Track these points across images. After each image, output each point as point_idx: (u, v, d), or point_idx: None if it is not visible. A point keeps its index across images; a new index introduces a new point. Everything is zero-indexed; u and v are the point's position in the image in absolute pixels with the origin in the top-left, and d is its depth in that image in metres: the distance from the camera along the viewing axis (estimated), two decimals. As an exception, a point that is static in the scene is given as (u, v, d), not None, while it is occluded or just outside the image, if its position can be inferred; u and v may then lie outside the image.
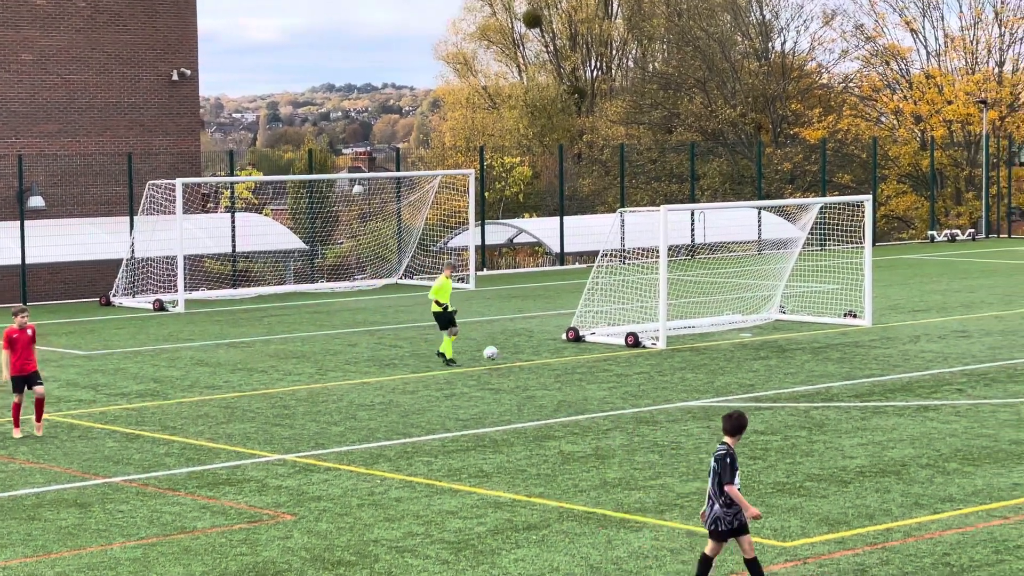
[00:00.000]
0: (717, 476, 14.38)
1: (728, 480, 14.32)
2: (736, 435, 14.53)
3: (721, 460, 14.37)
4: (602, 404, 25.50)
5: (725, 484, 14.32)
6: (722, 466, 14.35)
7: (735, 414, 14.60)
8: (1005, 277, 46.82)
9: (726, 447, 14.44)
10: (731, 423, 14.54)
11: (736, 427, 14.54)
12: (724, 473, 14.33)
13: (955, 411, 24.37)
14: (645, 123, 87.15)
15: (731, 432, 14.53)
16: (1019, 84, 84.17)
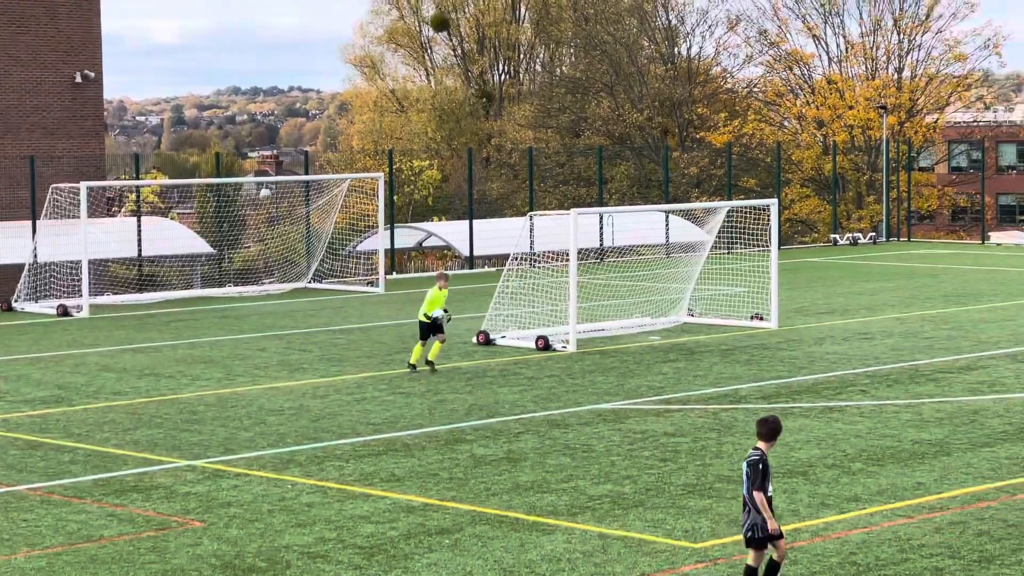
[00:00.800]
0: (749, 481, 14.22)
1: (759, 486, 14.14)
2: (771, 440, 14.36)
3: (754, 466, 14.18)
4: (513, 407, 25.59)
5: (754, 490, 14.14)
6: (755, 472, 14.17)
7: (771, 419, 14.44)
8: (906, 280, 47.43)
9: (760, 453, 14.26)
10: (766, 428, 14.36)
11: (771, 432, 14.36)
12: (756, 479, 14.16)
13: (859, 412, 24.69)
14: (553, 127, 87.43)
15: (766, 437, 14.36)
16: (918, 90, 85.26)
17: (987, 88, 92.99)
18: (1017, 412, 24.48)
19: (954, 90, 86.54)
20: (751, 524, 14.27)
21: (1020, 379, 27.81)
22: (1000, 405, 25.17)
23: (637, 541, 16.95)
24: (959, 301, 41.13)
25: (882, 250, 60.55)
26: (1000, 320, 36.66)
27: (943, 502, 18.59)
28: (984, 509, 18.20)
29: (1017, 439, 22.32)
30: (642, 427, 23.64)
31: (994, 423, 23.57)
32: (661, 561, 16.17)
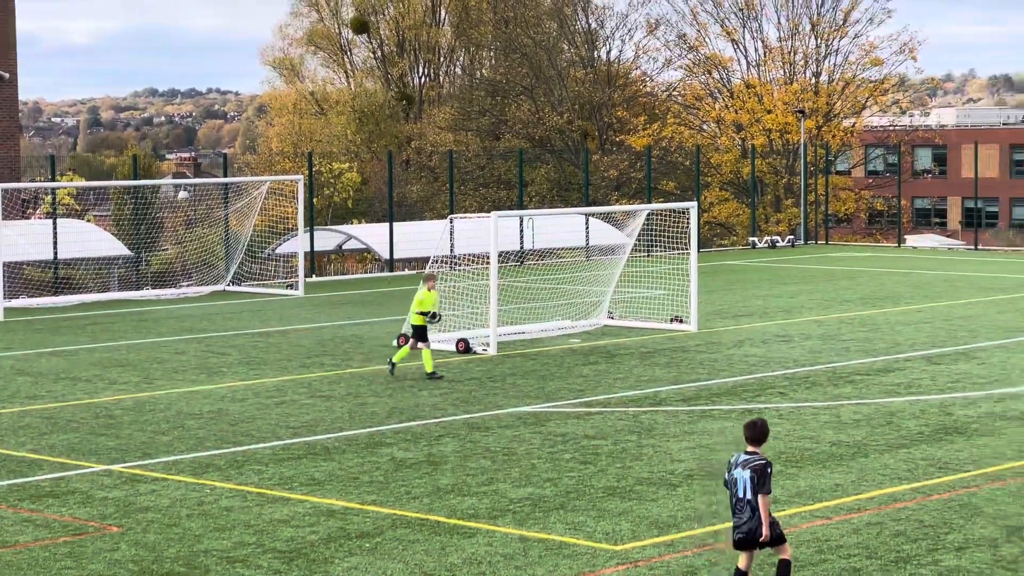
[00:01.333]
0: (755, 486, 14.09)
1: (767, 490, 14.13)
2: (760, 443, 14.30)
3: (763, 470, 14.12)
4: (434, 410, 25.55)
5: (762, 494, 14.13)
6: (763, 476, 14.11)
7: (760, 422, 14.37)
8: (823, 282, 47.79)
9: (762, 456, 14.21)
10: (757, 432, 14.29)
11: (761, 435, 14.29)
12: (765, 483, 14.12)
13: (778, 414, 24.84)
14: (473, 129, 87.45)
15: (758, 441, 14.30)
16: (835, 94, 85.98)
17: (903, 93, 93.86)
18: (933, 414, 24.72)
19: (871, 94, 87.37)
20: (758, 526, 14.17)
21: (936, 381, 28.09)
22: (916, 407, 25.40)
23: (558, 544, 16.97)
24: (876, 304, 41.49)
25: (800, 253, 60.99)
26: (916, 322, 37.02)
27: (860, 503, 18.74)
28: (900, 510, 18.37)
29: (932, 440, 22.54)
30: (563, 430, 23.67)
31: (910, 424, 23.79)
32: (582, 564, 16.19)
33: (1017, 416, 24.46)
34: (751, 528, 14.23)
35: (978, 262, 56.47)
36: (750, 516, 14.21)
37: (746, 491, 14.19)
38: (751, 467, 14.18)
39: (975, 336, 34.40)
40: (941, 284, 47.15)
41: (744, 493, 14.20)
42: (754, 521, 14.20)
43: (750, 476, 14.16)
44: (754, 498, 14.16)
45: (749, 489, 14.17)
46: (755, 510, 14.19)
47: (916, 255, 61.21)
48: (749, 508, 14.21)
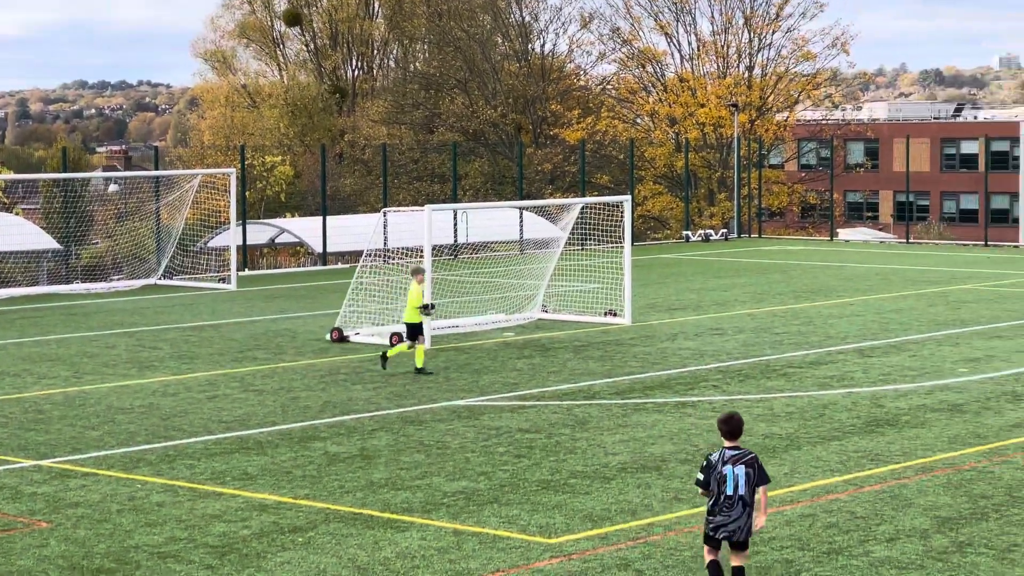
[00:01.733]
0: (753, 480, 13.97)
1: (768, 479, 14.14)
2: (738, 437, 14.16)
3: (757, 462, 14.06)
4: (367, 404, 25.46)
5: (764, 484, 14.08)
6: (760, 467, 14.08)
7: (735, 416, 14.23)
8: (756, 276, 48.00)
9: (749, 450, 14.12)
10: (732, 425, 14.13)
11: (737, 428, 14.16)
12: (764, 474, 14.10)
13: (712, 407, 24.90)
14: (407, 123, 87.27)
15: (733, 435, 14.14)
16: (768, 88, 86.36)
17: (836, 87, 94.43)
18: (865, 406, 24.85)
19: (803, 88, 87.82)
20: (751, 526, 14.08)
21: (868, 373, 28.25)
22: (848, 399, 25.54)
23: (492, 537, 16.93)
24: (808, 297, 41.70)
25: (733, 246, 61.24)
26: (848, 315, 37.23)
27: (793, 495, 18.81)
28: (833, 501, 18.45)
29: (865, 432, 22.66)
30: (496, 423, 23.64)
31: (842, 417, 23.91)
32: (516, 557, 16.17)
33: (947, 408, 24.64)
34: (739, 526, 14.09)
35: (909, 255, 56.88)
36: (740, 513, 14.04)
37: (738, 487, 13.97)
38: (744, 462, 14.02)
39: (906, 329, 34.63)
40: (873, 277, 47.44)
41: (736, 490, 13.98)
42: (744, 519, 14.05)
43: (746, 472, 13.97)
44: (747, 493, 13.98)
45: (743, 485, 13.97)
46: (746, 506, 14.01)
47: (848, 248, 61.59)
48: (741, 504, 14.03)
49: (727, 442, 14.17)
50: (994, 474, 19.87)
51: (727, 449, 14.13)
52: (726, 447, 14.17)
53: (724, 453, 14.11)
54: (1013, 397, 25.59)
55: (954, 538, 16.77)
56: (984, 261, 53.82)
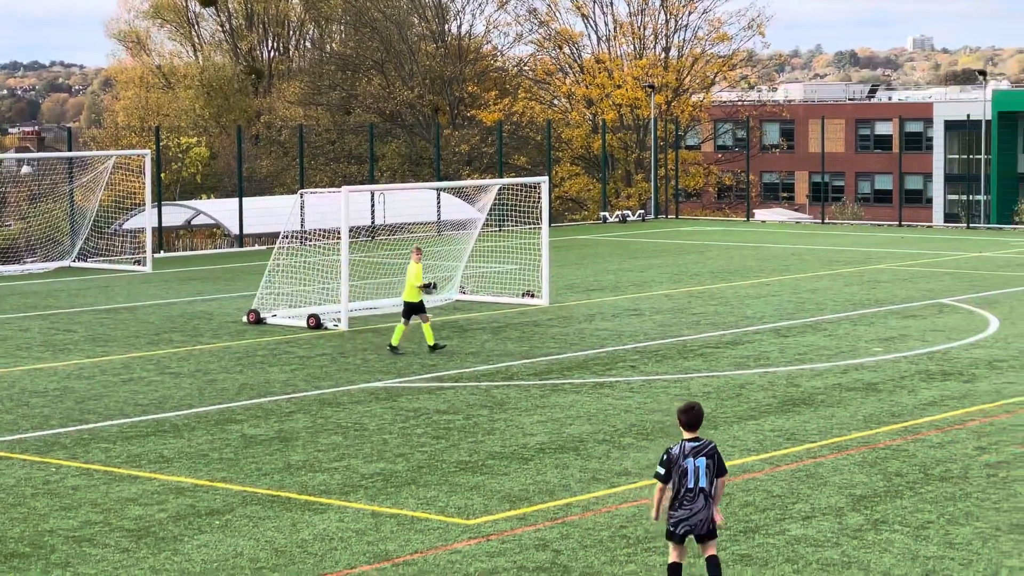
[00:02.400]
0: (713, 471, 13.65)
1: (726, 471, 13.79)
2: (697, 428, 13.74)
3: (717, 453, 13.71)
4: (285, 386, 25.36)
5: (722, 477, 13.74)
6: (720, 459, 13.74)
7: (695, 406, 13.79)
8: (673, 256, 48.20)
9: (709, 440, 13.77)
10: (691, 416, 13.71)
11: (696, 419, 13.73)
12: (722, 465, 13.75)
13: (629, 387, 25.00)
14: (323, 104, 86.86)
15: (692, 426, 13.72)
16: (684, 69, 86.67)
17: (751, 68, 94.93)
18: (781, 385, 25.04)
19: (719, 70, 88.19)
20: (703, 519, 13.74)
21: (784, 353, 28.45)
22: (765, 379, 25.71)
23: (410, 519, 16.93)
24: (725, 277, 41.93)
25: (651, 227, 61.46)
26: (765, 295, 37.47)
27: (710, 474, 18.90)
28: (750, 480, 18.57)
29: (781, 412, 22.84)
30: (415, 405, 23.62)
31: (759, 396, 24.08)
32: (434, 538, 16.17)
33: (862, 387, 24.86)
34: (701, 519, 13.72)
35: (825, 236, 57.31)
36: (702, 506, 13.68)
37: (699, 479, 13.62)
38: (704, 453, 13.63)
39: (822, 309, 34.90)
40: (789, 258, 47.78)
41: (697, 482, 13.62)
42: (705, 511, 13.71)
43: (706, 463, 13.61)
44: (708, 485, 13.66)
45: (704, 477, 13.62)
46: (708, 498, 13.68)
47: (764, 229, 61.97)
48: (702, 497, 13.67)
49: (686, 433, 13.73)
50: (908, 452, 20.08)
51: (687, 441, 13.69)
52: (686, 439, 13.72)
53: (684, 445, 13.67)
54: (927, 376, 25.86)
55: (869, 515, 16.93)
56: (898, 241, 54.33)
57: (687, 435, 13.74)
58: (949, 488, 18.14)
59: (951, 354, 28.16)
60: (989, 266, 44.67)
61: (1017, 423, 21.90)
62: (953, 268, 44.10)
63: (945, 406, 23.23)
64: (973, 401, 23.62)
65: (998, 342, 29.54)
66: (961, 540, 15.97)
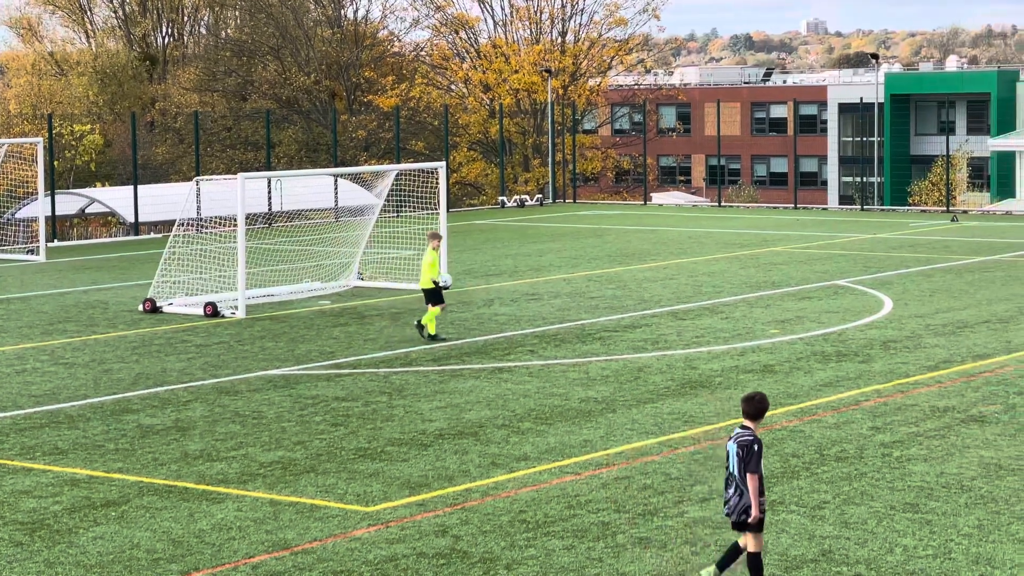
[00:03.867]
0: (742, 463, 13.59)
1: (753, 469, 13.54)
2: (758, 419, 13.72)
3: (748, 447, 13.55)
4: (181, 375, 25.16)
5: (749, 472, 13.56)
6: (748, 453, 13.55)
7: (757, 396, 13.75)
8: (571, 241, 48.32)
9: (751, 433, 13.64)
10: (752, 406, 13.68)
11: (759, 410, 13.68)
12: (750, 461, 13.55)
13: (528, 372, 25.04)
14: (219, 90, 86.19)
15: (754, 416, 13.70)
16: (581, 54, 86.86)
17: (647, 52, 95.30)
18: (679, 368, 25.18)
19: (616, 54, 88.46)
20: (745, 507, 13.64)
21: (682, 336, 28.62)
22: (662, 362, 25.85)
23: (309, 507, 16.86)
24: (623, 261, 42.10)
25: (548, 212, 61.57)
26: (662, 279, 37.67)
27: (609, 458, 19.01)
28: (648, 464, 18.68)
29: (679, 395, 22.97)
30: (313, 392, 23.53)
31: (657, 380, 24.21)
32: (333, 526, 16.12)
33: (759, 369, 25.07)
34: (732, 506, 13.73)
35: (722, 219, 57.70)
36: (734, 492, 13.71)
37: (732, 466, 13.69)
38: (738, 442, 13.66)
39: (719, 292, 35.14)
40: (686, 241, 48.06)
41: (732, 468, 13.70)
42: (734, 498, 13.70)
43: (736, 451, 13.65)
44: (739, 475, 13.66)
45: (735, 465, 13.67)
46: (738, 487, 13.69)
47: (662, 212, 62.28)
48: (734, 484, 13.71)
49: (745, 421, 13.76)
50: (804, 433, 20.28)
51: (738, 427, 13.78)
52: (740, 425, 13.81)
53: (735, 430, 13.83)
54: (822, 357, 26.12)
55: (766, 497, 17.05)
56: (794, 223, 54.81)
57: (744, 422, 13.77)
58: (844, 468, 18.34)
59: (846, 335, 28.46)
60: (883, 247, 45.20)
61: (910, 403, 22.18)
62: (848, 250, 44.58)
63: (840, 387, 23.48)
64: (868, 382, 23.90)
65: (892, 323, 29.90)
66: (856, 520, 16.15)
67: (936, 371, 24.72)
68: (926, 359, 25.79)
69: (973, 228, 51.74)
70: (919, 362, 25.52)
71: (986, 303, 32.55)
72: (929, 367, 25.05)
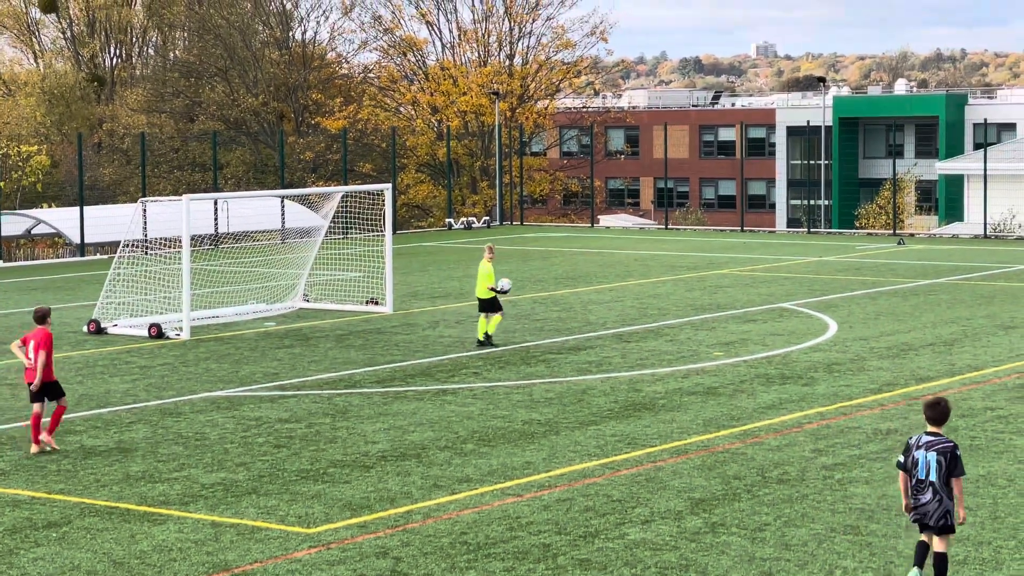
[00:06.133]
0: (946, 469, 14.11)
1: (959, 473, 14.15)
2: (943, 423, 14.30)
3: (952, 453, 14.10)
4: (125, 397, 25.07)
5: (956, 477, 14.14)
6: (953, 459, 14.09)
7: (942, 402, 14.32)
8: (519, 263, 48.39)
9: (946, 438, 14.23)
10: (939, 412, 14.24)
11: (944, 415, 14.26)
12: (955, 467, 14.11)
13: (472, 394, 25.07)
14: (167, 112, 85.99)
15: (940, 421, 14.26)
16: (529, 76, 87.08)
17: (596, 75, 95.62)
18: (622, 391, 25.26)
19: (564, 76, 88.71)
20: (945, 511, 14.18)
21: (626, 358, 28.70)
22: (607, 384, 25.92)
23: (250, 528, 16.83)
24: (569, 283, 42.20)
25: (496, 234, 61.64)
26: (608, 301, 37.78)
27: (551, 480, 19.05)
28: (590, 485, 18.72)
29: (622, 417, 23.04)
30: (256, 414, 23.48)
31: (600, 402, 24.27)
32: (274, 548, 16.10)
33: (703, 391, 25.17)
34: (928, 511, 14.22)
35: (669, 241, 57.91)
36: (931, 497, 14.21)
37: (929, 473, 14.17)
38: (936, 449, 14.16)
39: (664, 314, 35.27)
40: (633, 263, 48.21)
41: (927, 475, 14.19)
42: (934, 503, 14.19)
43: (936, 459, 14.13)
44: (938, 480, 14.15)
45: (934, 471, 14.15)
46: (936, 492, 14.18)
47: (609, 235, 62.46)
48: (931, 490, 14.20)
49: (929, 427, 14.31)
50: (747, 455, 20.37)
51: (925, 434, 14.31)
52: (926, 431, 14.36)
53: (921, 438, 14.31)
54: (766, 380, 26.25)
55: (707, 519, 17.15)
56: (740, 246, 55.07)
57: (929, 428, 14.32)
58: (786, 490, 18.44)
59: (790, 358, 28.61)
60: (829, 270, 45.47)
61: (853, 425, 22.32)
62: (794, 273, 44.83)
63: (783, 409, 23.61)
64: (811, 404, 24.04)
65: (836, 345, 30.08)
66: (797, 542, 16.24)
67: (879, 394, 24.88)
68: (869, 382, 25.96)
69: (919, 251, 52.11)
70: (862, 385, 25.68)
71: (931, 326, 32.79)
72: (872, 390, 25.22)
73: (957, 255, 50.46)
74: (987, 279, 42.44)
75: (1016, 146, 74.33)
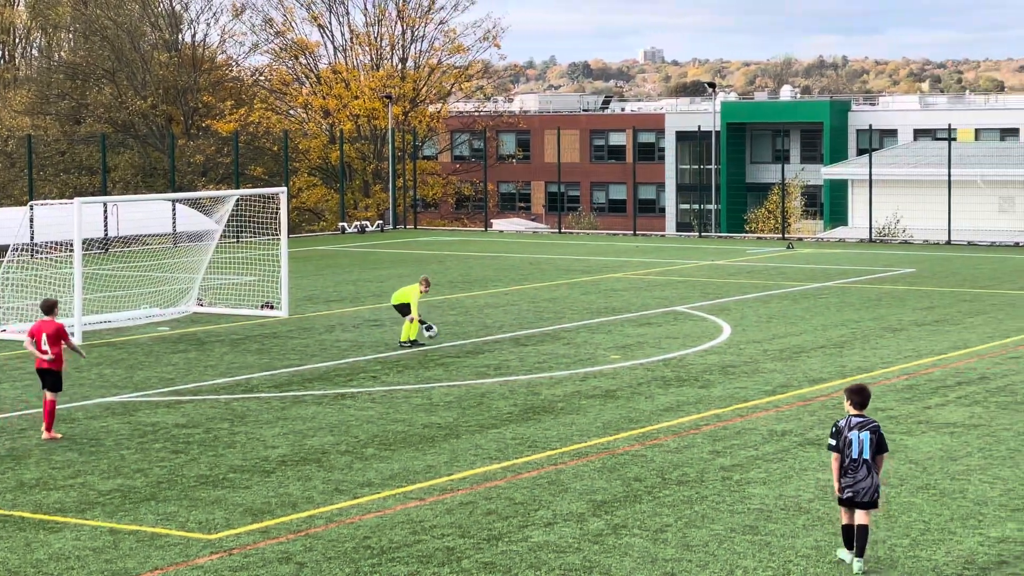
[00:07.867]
0: (877, 446, 15.11)
1: (885, 448, 15.25)
2: (866, 408, 15.31)
3: (879, 431, 15.20)
4: (16, 403, 24.70)
5: (885, 453, 15.25)
6: (881, 436, 15.20)
7: (866, 388, 15.36)
8: (413, 267, 48.29)
9: (875, 420, 15.34)
10: (864, 397, 15.24)
11: (867, 399, 15.29)
12: (883, 443, 15.22)
13: (371, 398, 24.97)
14: (52, 114, 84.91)
15: (864, 406, 15.25)
16: (421, 80, 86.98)
17: (487, 79, 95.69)
18: (521, 393, 25.27)
19: (456, 81, 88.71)
20: (875, 486, 15.14)
21: (524, 362, 28.73)
22: (505, 387, 25.93)
23: (150, 535, 16.63)
24: (464, 287, 42.18)
25: (389, 238, 61.50)
26: (504, 305, 37.79)
27: (453, 483, 19.00)
28: (492, 488, 18.70)
29: (521, 419, 23.05)
30: (153, 419, 23.22)
31: (500, 405, 24.27)
32: (175, 554, 15.91)
33: (601, 394, 25.24)
34: (864, 487, 15.11)
35: (562, 245, 58.07)
36: (865, 474, 15.12)
37: (863, 451, 15.10)
38: (869, 428, 15.17)
39: (560, 317, 35.34)
40: (527, 267, 48.28)
41: (861, 453, 15.11)
42: (867, 480, 15.11)
43: (869, 437, 15.12)
44: (871, 458, 15.11)
45: (867, 449, 15.10)
46: (869, 469, 15.11)
47: (503, 239, 62.52)
48: (865, 467, 15.14)
49: (852, 410, 15.25)
50: (646, 457, 20.45)
51: (852, 417, 15.24)
52: (851, 415, 15.27)
53: (850, 420, 15.23)
54: (663, 382, 26.38)
55: (609, 520, 17.19)
56: (633, 250, 55.33)
57: (853, 411, 15.30)
58: (686, 492, 18.53)
59: (686, 360, 28.78)
60: (721, 274, 45.81)
61: (749, 427, 22.48)
62: (686, 276, 45.11)
63: (681, 411, 23.73)
64: (708, 406, 24.18)
65: (730, 348, 30.30)
66: (698, 542, 16.32)
67: (774, 395, 25.09)
68: (764, 384, 26.17)
69: (808, 255, 52.65)
70: (757, 387, 25.88)
71: (821, 328, 33.13)
72: (767, 391, 25.43)
73: (844, 259, 51.05)
74: (874, 282, 42.98)
75: (898, 151, 75.37)
